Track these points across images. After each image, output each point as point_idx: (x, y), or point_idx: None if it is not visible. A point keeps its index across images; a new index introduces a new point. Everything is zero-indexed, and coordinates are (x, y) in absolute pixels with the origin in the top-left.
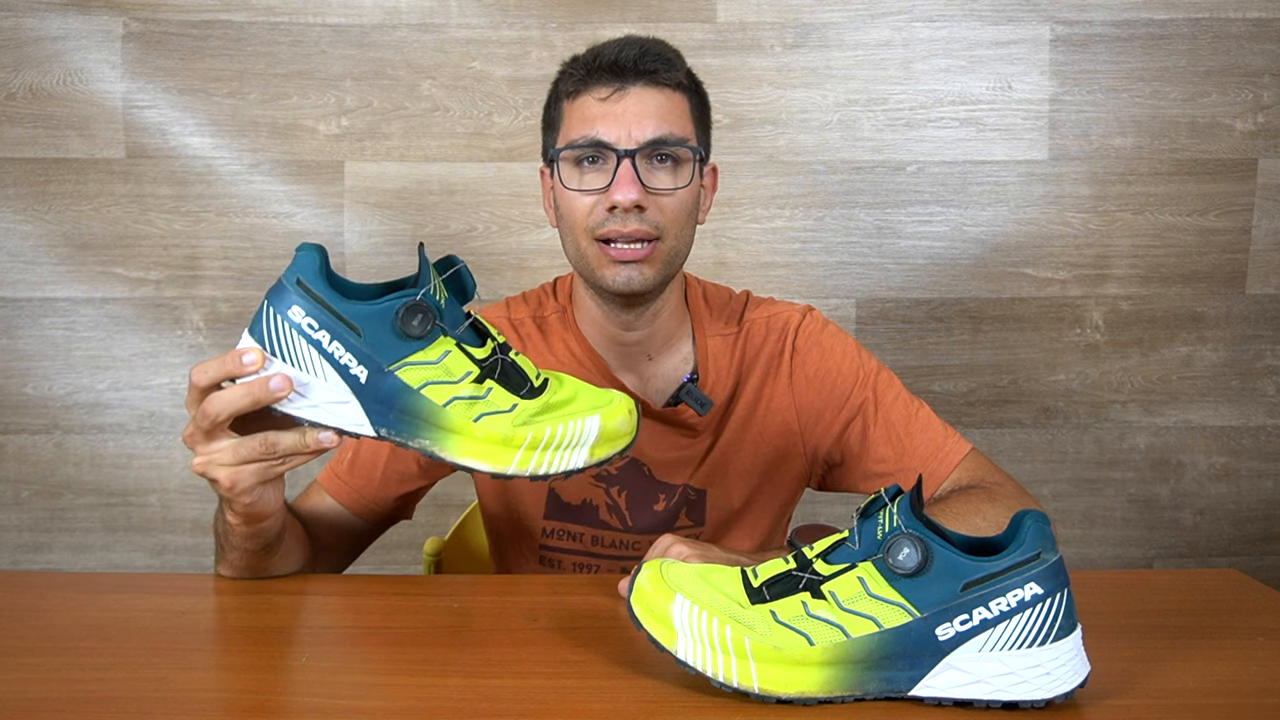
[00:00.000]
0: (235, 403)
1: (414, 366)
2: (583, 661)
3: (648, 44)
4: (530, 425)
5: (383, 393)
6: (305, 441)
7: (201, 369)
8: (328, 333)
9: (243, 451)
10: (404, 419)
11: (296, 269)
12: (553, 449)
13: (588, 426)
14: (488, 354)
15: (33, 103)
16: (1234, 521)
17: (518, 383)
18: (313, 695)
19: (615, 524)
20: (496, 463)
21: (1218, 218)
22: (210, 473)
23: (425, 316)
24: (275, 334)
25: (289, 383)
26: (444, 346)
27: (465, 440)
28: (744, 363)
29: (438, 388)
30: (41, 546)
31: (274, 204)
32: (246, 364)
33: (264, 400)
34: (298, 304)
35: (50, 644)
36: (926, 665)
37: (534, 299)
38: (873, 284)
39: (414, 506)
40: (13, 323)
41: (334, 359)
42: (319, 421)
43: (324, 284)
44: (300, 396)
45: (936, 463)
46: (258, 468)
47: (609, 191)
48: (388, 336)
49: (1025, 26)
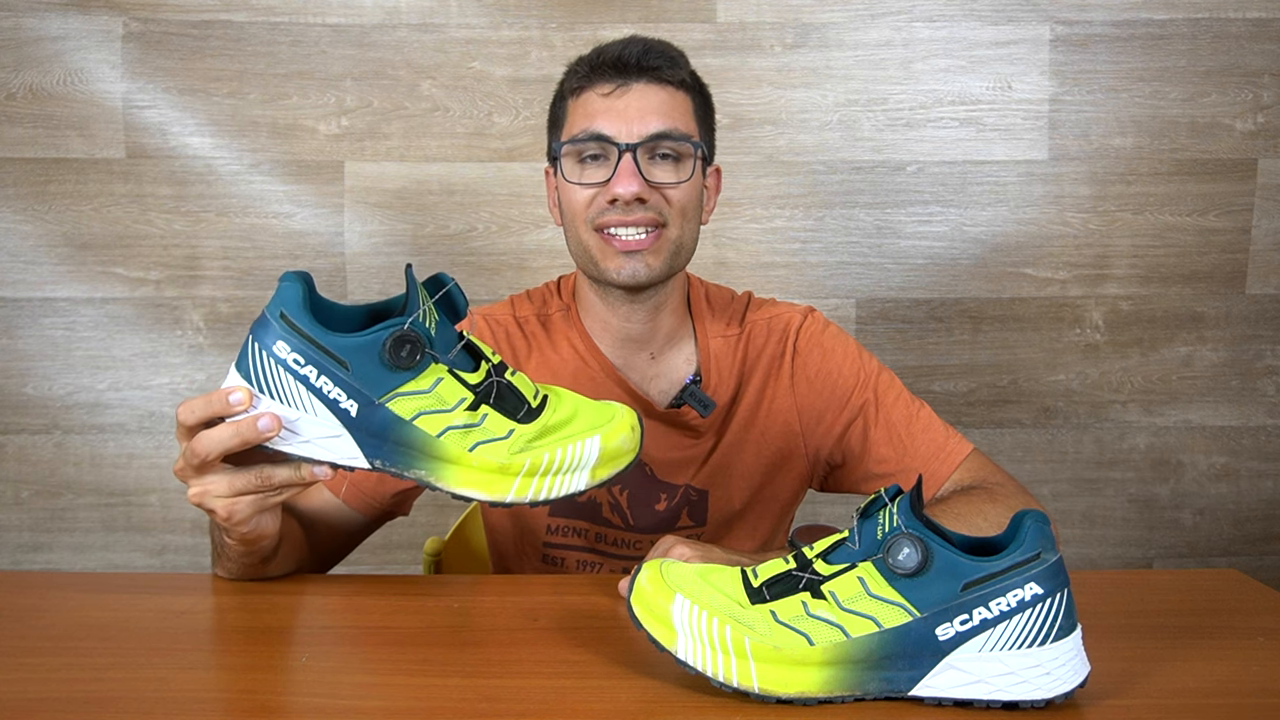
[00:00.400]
0: (224, 443)
1: (405, 397)
2: (583, 661)
3: (651, 42)
4: (528, 452)
5: (375, 425)
6: (300, 475)
7: (188, 408)
8: (314, 367)
9: (238, 484)
10: (398, 450)
11: (280, 301)
12: (552, 474)
13: (588, 449)
14: (481, 378)
15: (33, 103)
16: (1234, 521)
17: (514, 405)
18: (313, 695)
19: (617, 522)
20: (494, 491)
21: (1218, 218)
22: (206, 504)
23: (414, 347)
24: (262, 370)
25: (278, 422)
26: (436, 374)
27: (461, 470)
28: (746, 364)
29: (431, 417)
30: (41, 546)
31: (274, 204)
32: (233, 404)
33: (253, 440)
34: (282, 339)
35: (50, 644)
36: (926, 665)
37: (538, 297)
38: (873, 284)
39: (411, 503)
40: (13, 323)
41: (322, 394)
42: (312, 457)
43: (308, 316)
44: (291, 434)
45: (938, 463)
46: (254, 499)
47: (610, 184)
48: (376, 369)
49: (1025, 26)
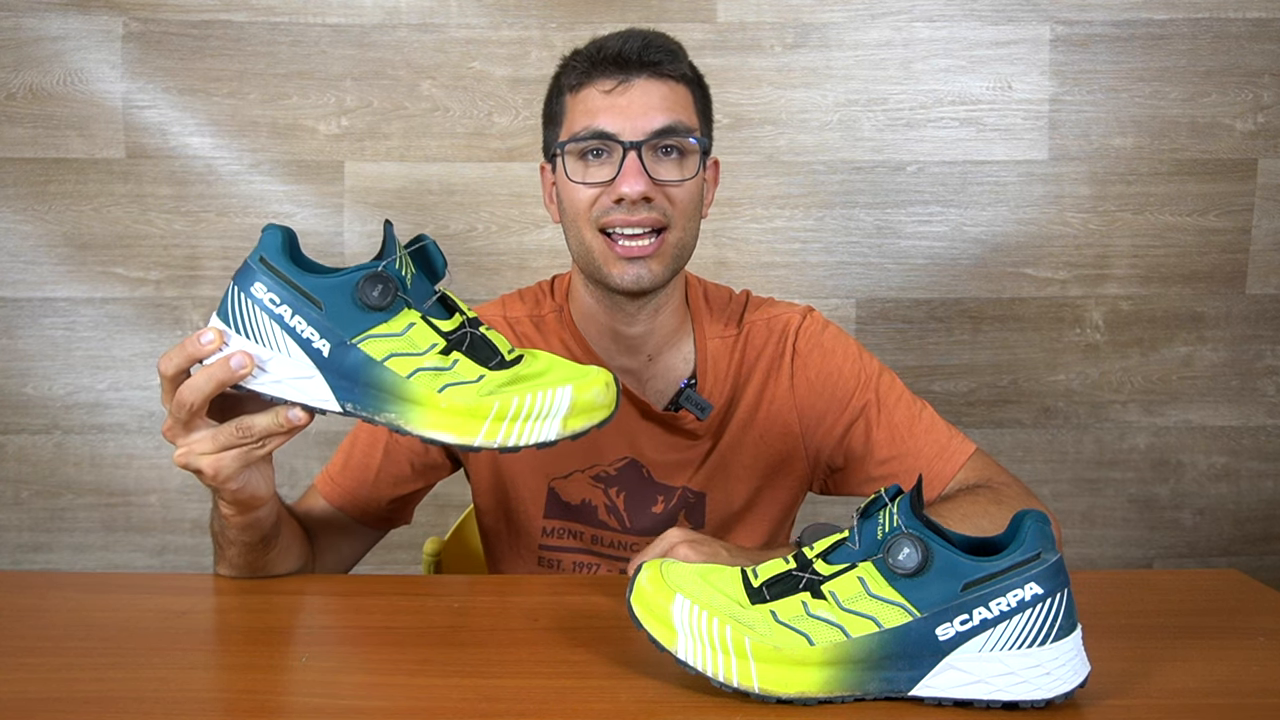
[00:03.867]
0: (202, 388)
1: (377, 339)
2: (583, 661)
3: (650, 36)
4: (497, 395)
5: (346, 366)
6: (279, 421)
7: (165, 359)
8: (289, 307)
9: (221, 438)
10: (368, 393)
11: (261, 247)
12: (522, 419)
13: (559, 397)
14: (455, 326)
15: (33, 103)
16: (1234, 521)
17: (486, 355)
18: (313, 695)
19: (614, 525)
20: (463, 434)
21: (1218, 218)
22: (192, 463)
23: (386, 287)
24: (239, 312)
25: (250, 359)
26: (408, 319)
27: (430, 412)
28: (743, 365)
29: (401, 359)
30: (41, 546)
31: (274, 204)
32: (205, 344)
33: (228, 380)
34: (260, 280)
35: (50, 644)
36: (926, 665)
37: (530, 297)
38: (873, 284)
39: (411, 511)
40: (13, 323)
41: (296, 333)
42: (284, 398)
43: (286, 260)
44: (263, 372)
45: (941, 464)
46: (238, 453)
47: (615, 184)
48: (349, 308)
49: (1025, 26)
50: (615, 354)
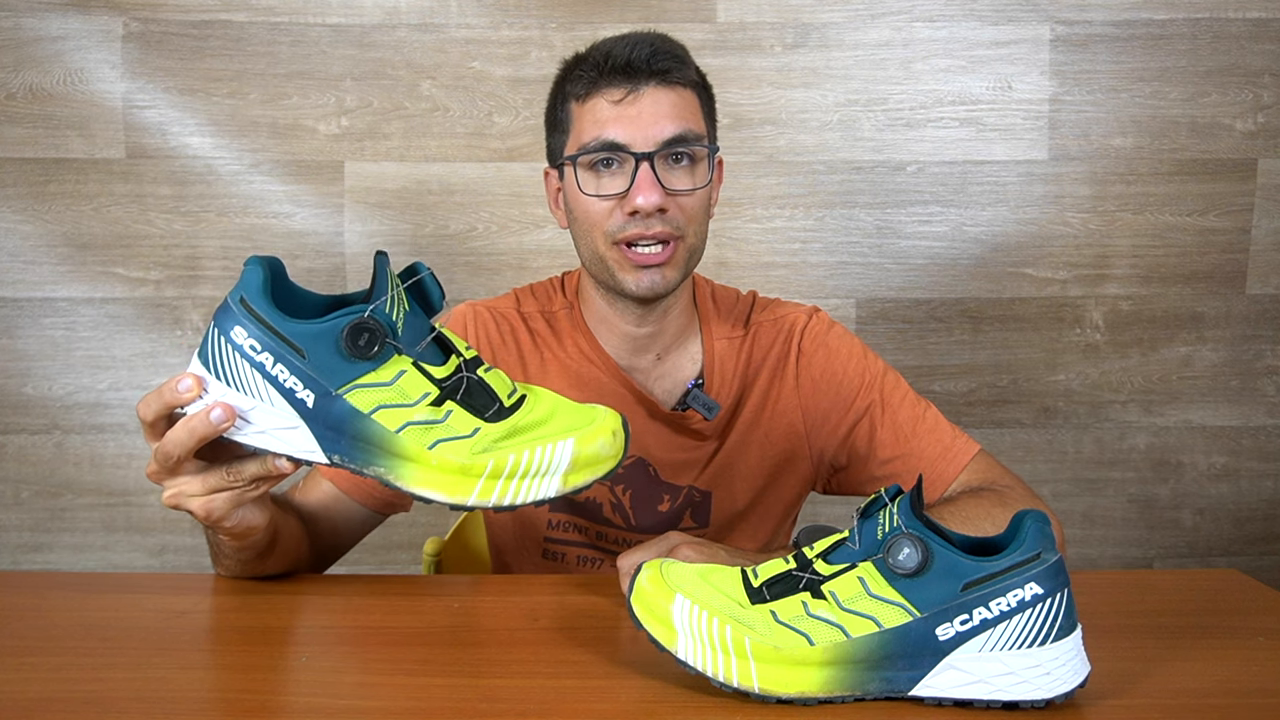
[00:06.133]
0: (184, 442)
1: (364, 389)
2: (583, 661)
3: (656, 42)
4: (491, 452)
5: (332, 418)
6: (268, 468)
7: (144, 404)
8: (270, 355)
9: (210, 482)
10: (356, 445)
11: (241, 286)
12: (519, 477)
13: (559, 452)
14: (449, 372)
15: (33, 103)
16: (1234, 521)
17: (483, 403)
18: (313, 695)
19: (619, 522)
20: (454, 493)
21: (1218, 218)
22: (183, 505)
23: (372, 336)
24: (220, 357)
25: (231, 412)
26: (398, 366)
27: (420, 469)
28: (750, 366)
29: (390, 412)
30: (41, 546)
31: (274, 204)
32: (183, 391)
33: (209, 434)
34: (240, 325)
35: (50, 644)
36: (926, 665)
37: (543, 293)
38: (873, 284)
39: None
40: (13, 323)
41: (278, 382)
42: (268, 449)
43: (267, 302)
44: (246, 423)
45: (945, 464)
46: (228, 495)
47: (629, 196)
48: (333, 358)
49: (1025, 26)
50: (625, 353)
